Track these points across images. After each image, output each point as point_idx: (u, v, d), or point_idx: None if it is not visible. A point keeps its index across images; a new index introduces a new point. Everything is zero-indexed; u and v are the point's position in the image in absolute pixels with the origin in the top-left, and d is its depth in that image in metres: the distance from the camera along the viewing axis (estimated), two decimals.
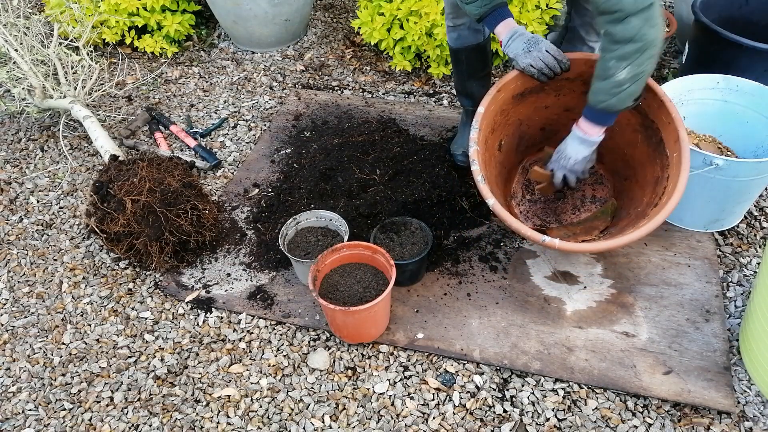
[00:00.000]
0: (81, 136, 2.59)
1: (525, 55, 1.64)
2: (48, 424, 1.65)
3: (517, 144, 2.02)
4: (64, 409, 1.69)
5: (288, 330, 1.85)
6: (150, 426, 1.64)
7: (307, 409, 1.66)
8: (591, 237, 1.93)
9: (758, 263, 1.96)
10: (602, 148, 2.03)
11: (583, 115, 1.70)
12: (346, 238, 1.87)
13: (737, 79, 1.99)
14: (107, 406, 1.69)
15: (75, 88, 2.54)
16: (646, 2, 1.42)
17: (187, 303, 1.92)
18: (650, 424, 1.59)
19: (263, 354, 1.79)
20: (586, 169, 1.80)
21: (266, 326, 1.86)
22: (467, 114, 2.24)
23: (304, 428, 1.62)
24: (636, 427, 1.58)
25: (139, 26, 2.98)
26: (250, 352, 1.80)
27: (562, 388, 1.67)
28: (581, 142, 1.71)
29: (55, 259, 2.10)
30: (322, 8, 3.47)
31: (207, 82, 2.92)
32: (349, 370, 1.74)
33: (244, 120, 2.67)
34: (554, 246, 1.59)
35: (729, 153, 2.06)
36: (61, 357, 1.81)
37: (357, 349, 1.78)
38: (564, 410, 1.63)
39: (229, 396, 1.69)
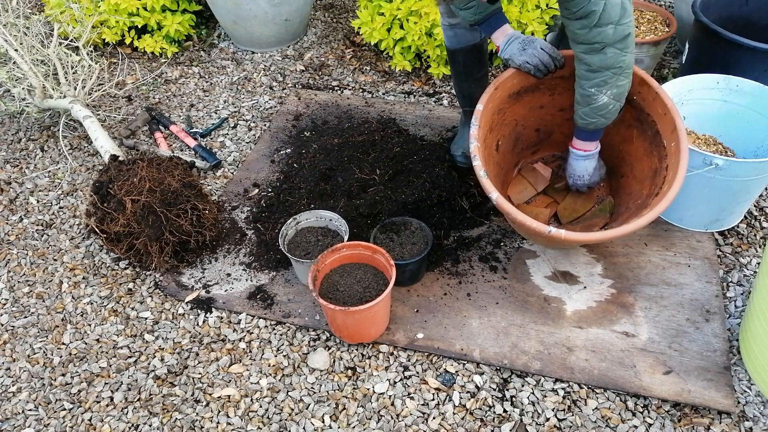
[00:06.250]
0: (81, 136, 2.59)
1: (520, 53, 1.68)
2: (48, 424, 1.65)
3: (513, 145, 2.03)
4: (64, 409, 1.69)
5: (288, 330, 1.85)
6: (150, 426, 1.64)
7: (307, 409, 1.66)
8: None
9: (758, 263, 1.96)
10: None
11: (575, 137, 1.80)
12: (346, 238, 1.87)
13: (737, 79, 1.99)
14: (107, 406, 1.69)
15: (75, 88, 2.54)
16: (625, 32, 1.47)
17: (187, 303, 1.93)
18: (650, 424, 1.59)
19: (263, 354, 1.79)
20: (602, 173, 1.94)
21: (266, 326, 1.86)
22: (466, 115, 2.24)
23: (304, 428, 1.62)
24: (636, 427, 1.58)
25: (139, 26, 2.98)
26: (250, 352, 1.80)
27: (562, 388, 1.67)
28: (585, 159, 1.83)
29: (55, 259, 2.10)
30: (322, 8, 3.47)
31: (207, 82, 2.92)
32: (349, 370, 1.74)
33: (244, 120, 2.67)
34: (560, 237, 1.58)
35: (729, 153, 2.06)
36: (61, 357, 1.81)
37: (357, 349, 1.78)
38: (564, 410, 1.63)
39: (229, 396, 1.69)
